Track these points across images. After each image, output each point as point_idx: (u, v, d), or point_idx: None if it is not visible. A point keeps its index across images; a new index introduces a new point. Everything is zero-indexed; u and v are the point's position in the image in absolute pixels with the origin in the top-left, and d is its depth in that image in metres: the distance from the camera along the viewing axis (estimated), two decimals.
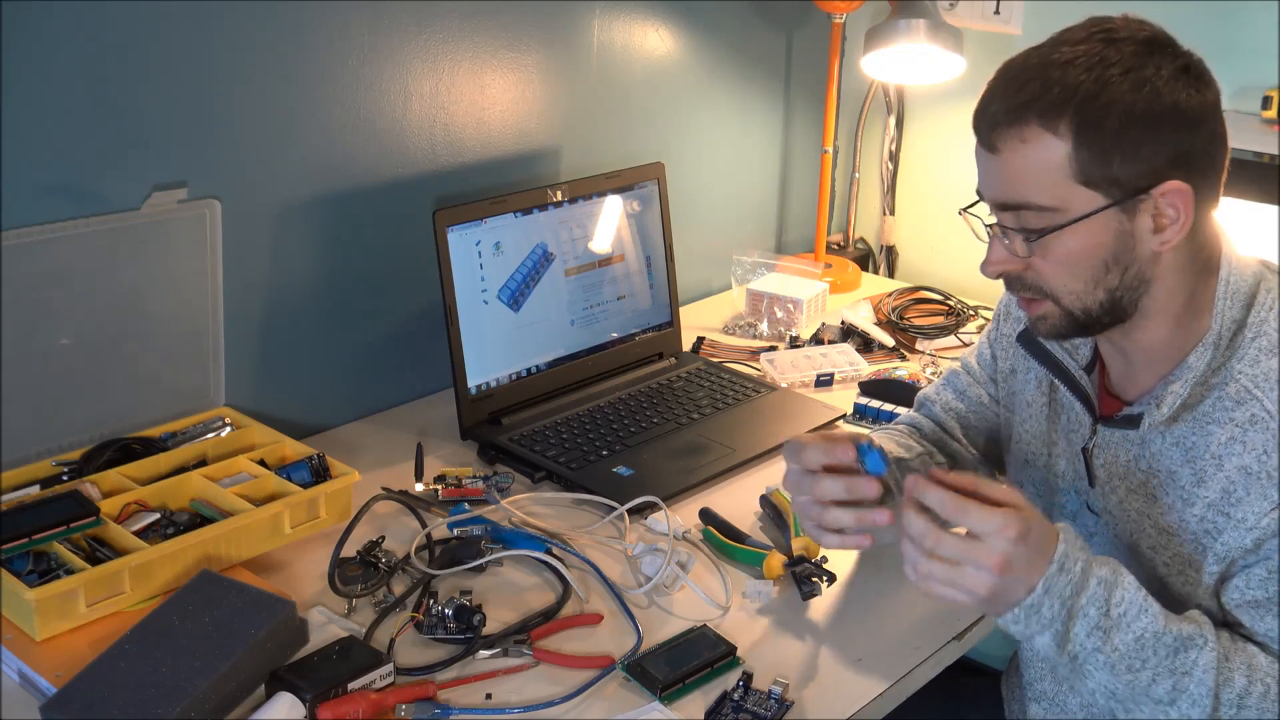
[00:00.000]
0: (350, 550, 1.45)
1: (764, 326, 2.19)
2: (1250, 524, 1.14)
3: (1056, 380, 1.32)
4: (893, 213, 2.56)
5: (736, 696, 1.26)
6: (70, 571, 1.33)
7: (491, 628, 1.35)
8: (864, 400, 1.87)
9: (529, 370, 1.86)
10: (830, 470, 1.23)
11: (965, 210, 1.26)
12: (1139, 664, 1.12)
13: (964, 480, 1.12)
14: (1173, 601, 1.22)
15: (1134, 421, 1.22)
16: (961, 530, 1.10)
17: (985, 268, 1.21)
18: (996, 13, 2.25)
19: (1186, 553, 1.20)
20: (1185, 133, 1.13)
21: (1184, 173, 1.13)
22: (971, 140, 1.20)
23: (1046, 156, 1.12)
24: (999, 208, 1.18)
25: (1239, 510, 1.15)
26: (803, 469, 1.25)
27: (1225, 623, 1.20)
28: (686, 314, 2.15)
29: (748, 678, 1.28)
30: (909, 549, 1.12)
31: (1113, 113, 1.10)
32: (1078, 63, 1.12)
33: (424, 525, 1.53)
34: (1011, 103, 1.13)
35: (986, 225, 1.22)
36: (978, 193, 1.22)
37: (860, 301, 2.28)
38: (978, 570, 1.08)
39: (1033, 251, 1.17)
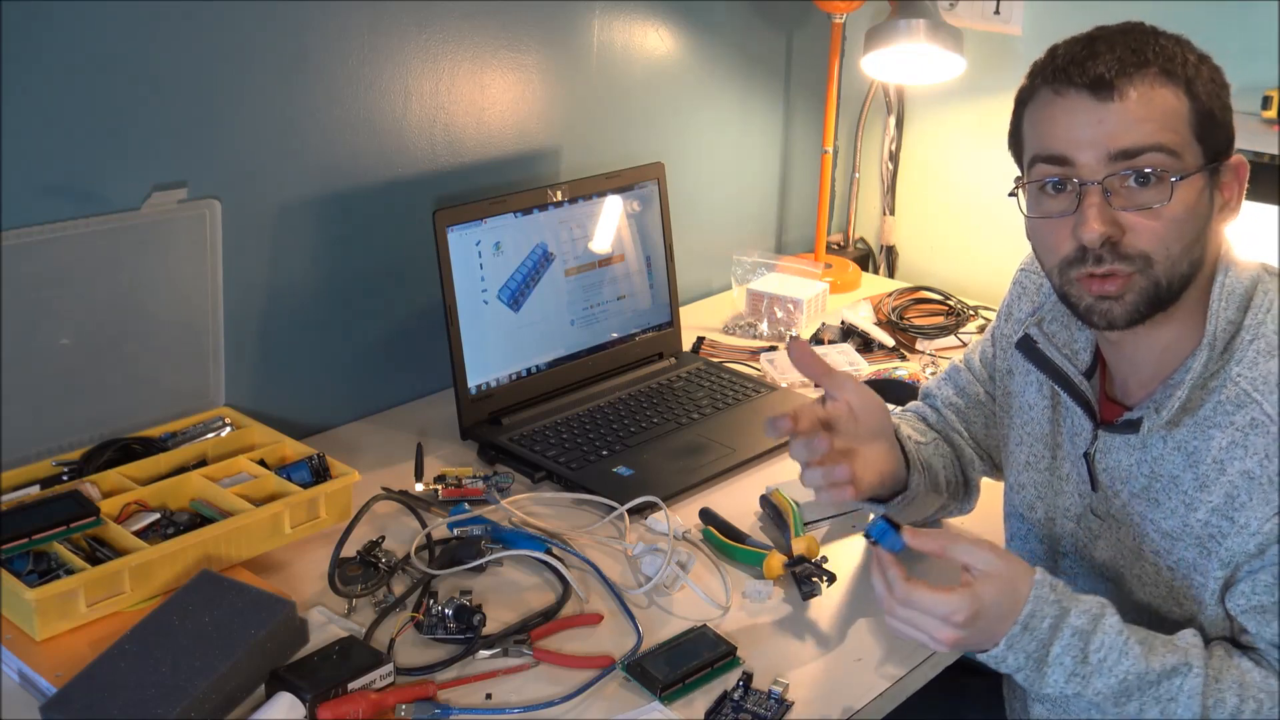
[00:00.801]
0: (350, 550, 1.45)
1: (764, 326, 2.19)
2: (1254, 529, 1.14)
3: (1057, 386, 1.32)
4: (893, 213, 2.56)
5: (736, 696, 1.26)
6: (70, 571, 1.33)
7: (491, 628, 1.35)
8: None
9: (529, 370, 1.86)
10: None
11: (1023, 185, 1.21)
12: (1124, 699, 1.15)
13: (932, 542, 1.17)
14: (1178, 605, 1.23)
15: (1134, 426, 1.22)
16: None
17: (1087, 230, 1.13)
18: (996, 13, 2.25)
19: (1191, 557, 1.20)
20: (1232, 114, 1.18)
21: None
22: (972, 140, 1.20)
23: (1174, 103, 1.13)
24: (1118, 157, 1.13)
25: (1242, 515, 1.15)
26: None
27: (1222, 635, 1.21)
28: (686, 314, 2.15)
29: (748, 678, 1.28)
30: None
31: (1204, 75, 1.14)
32: (1159, 32, 1.16)
33: (424, 525, 1.53)
34: (1131, 52, 1.13)
35: (1085, 183, 1.14)
36: (1052, 159, 1.16)
37: (860, 301, 2.28)
38: (931, 640, 1.15)
39: (1172, 194, 1.13)
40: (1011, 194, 1.23)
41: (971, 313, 2.23)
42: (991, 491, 1.54)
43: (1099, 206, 1.14)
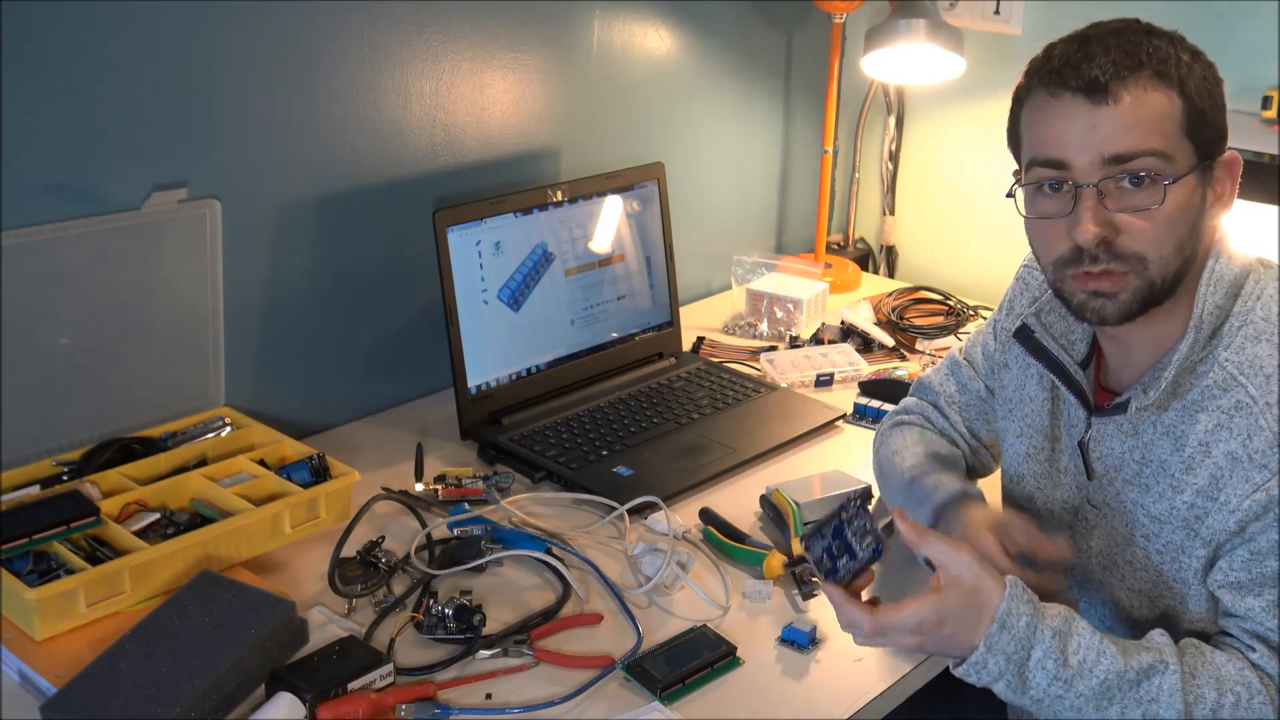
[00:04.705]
0: (350, 550, 1.45)
1: (764, 326, 2.19)
2: (1233, 506, 1.16)
3: (1052, 376, 1.33)
4: (893, 213, 2.56)
5: (845, 516, 1.19)
6: (70, 571, 1.33)
7: (491, 628, 1.35)
8: (864, 400, 1.88)
9: (529, 370, 1.86)
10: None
11: (1020, 185, 1.22)
12: (1106, 702, 1.14)
13: (913, 534, 1.19)
14: (1167, 589, 1.24)
15: (1123, 409, 1.24)
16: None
17: (1082, 232, 1.15)
18: (996, 13, 2.25)
19: (1178, 540, 1.22)
20: (1225, 110, 1.19)
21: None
22: (972, 140, 1.20)
23: (1166, 106, 1.14)
24: (1112, 161, 1.14)
25: (1224, 494, 1.17)
26: None
27: (1199, 627, 1.22)
28: (686, 314, 2.15)
29: (863, 496, 1.20)
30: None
31: (1197, 74, 1.15)
32: (1153, 33, 1.16)
33: (424, 525, 1.53)
34: (1125, 54, 1.14)
35: (1080, 185, 1.16)
36: (1049, 163, 1.17)
37: (860, 301, 2.28)
38: (898, 649, 1.23)
39: (1165, 197, 1.14)
40: (1009, 195, 1.24)
41: (971, 313, 2.24)
42: (989, 484, 1.54)
43: (1094, 209, 1.16)
